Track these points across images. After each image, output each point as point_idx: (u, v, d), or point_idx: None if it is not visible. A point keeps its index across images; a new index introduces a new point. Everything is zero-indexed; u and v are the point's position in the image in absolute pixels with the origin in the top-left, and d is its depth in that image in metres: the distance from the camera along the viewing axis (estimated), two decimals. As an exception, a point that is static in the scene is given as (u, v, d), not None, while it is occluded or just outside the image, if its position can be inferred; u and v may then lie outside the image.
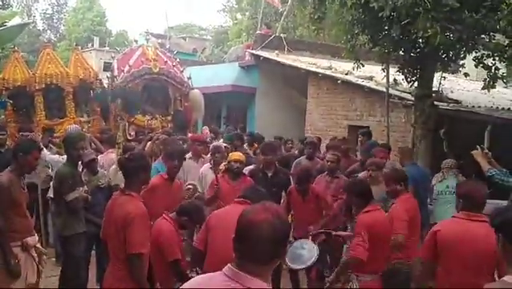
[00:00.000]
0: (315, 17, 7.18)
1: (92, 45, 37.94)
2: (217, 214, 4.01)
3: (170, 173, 5.08)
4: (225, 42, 36.83)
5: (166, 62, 10.17)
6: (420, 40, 6.48)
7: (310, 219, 4.91)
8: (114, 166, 6.10)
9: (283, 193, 5.95)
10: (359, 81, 10.11)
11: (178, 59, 11.24)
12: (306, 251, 4.49)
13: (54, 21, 46.80)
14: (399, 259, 4.36)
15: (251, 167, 6.19)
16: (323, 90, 11.41)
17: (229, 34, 38.34)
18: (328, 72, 11.13)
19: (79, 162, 5.18)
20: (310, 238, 4.73)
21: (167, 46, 12.90)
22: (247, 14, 34.75)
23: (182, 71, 10.54)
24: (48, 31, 45.89)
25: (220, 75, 14.45)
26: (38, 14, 46.10)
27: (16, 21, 13.53)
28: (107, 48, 35.45)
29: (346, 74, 10.51)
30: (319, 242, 4.64)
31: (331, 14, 7.13)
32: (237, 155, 5.81)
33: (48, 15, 46.33)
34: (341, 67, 11.40)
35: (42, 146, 6.04)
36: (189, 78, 10.57)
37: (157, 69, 9.75)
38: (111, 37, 45.11)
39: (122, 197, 3.55)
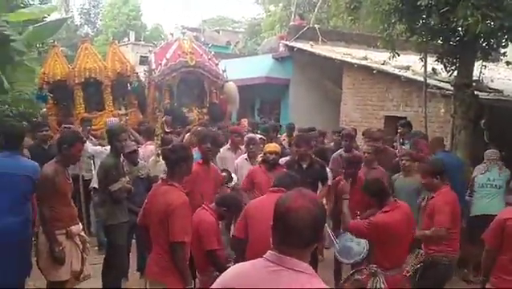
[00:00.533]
0: (351, 7, 7.09)
1: (128, 39, 38.58)
2: (254, 204, 4.06)
3: (204, 157, 5.14)
4: (259, 34, 36.78)
5: (202, 55, 10.28)
6: (460, 28, 6.29)
7: (358, 209, 4.89)
8: (153, 157, 6.27)
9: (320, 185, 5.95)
10: (396, 71, 9.92)
11: (213, 52, 11.33)
12: (355, 244, 4.49)
13: (91, 16, 47.77)
14: (437, 251, 4.34)
15: (287, 158, 6.23)
16: (359, 80, 11.27)
17: (263, 25, 38.25)
18: (364, 62, 10.97)
19: (121, 153, 5.32)
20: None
21: (202, 40, 12.99)
22: (280, 5, 34.59)
23: (217, 64, 10.63)
24: (85, 26, 46.89)
25: (254, 67, 14.49)
26: (76, 9, 47.17)
27: (55, 16, 13.96)
28: (142, 42, 36.01)
29: (382, 64, 10.34)
30: None
31: (366, 4, 7.02)
32: (272, 146, 5.87)
33: (85, 10, 47.34)
34: (376, 57, 11.22)
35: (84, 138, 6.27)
36: (224, 70, 10.66)
37: (193, 62, 9.88)
38: (147, 31, 45.77)
39: (164, 186, 3.65)
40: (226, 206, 4.15)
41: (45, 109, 9.94)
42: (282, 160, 5.94)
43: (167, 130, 9.19)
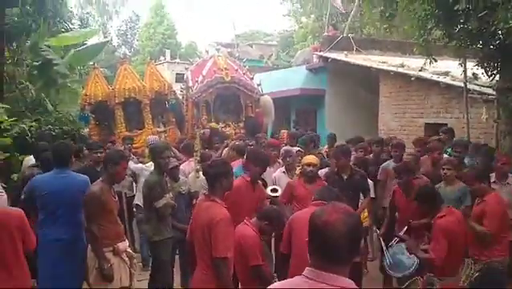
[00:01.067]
0: (386, 14, 7.04)
1: (164, 58, 39.47)
2: (296, 217, 4.05)
3: (253, 178, 5.12)
4: (291, 46, 36.93)
5: (237, 70, 10.42)
6: (500, 32, 6.14)
7: (414, 219, 4.81)
8: (193, 173, 6.35)
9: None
10: (434, 77, 9.74)
11: (247, 67, 11.45)
12: (405, 257, 4.42)
13: (128, 37, 49.21)
14: (490, 257, 4.27)
15: (326, 170, 6.19)
16: (396, 88, 11.11)
17: (295, 37, 38.37)
18: (401, 70, 10.82)
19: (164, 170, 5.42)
20: (406, 228, 4.67)
21: (236, 55, 13.17)
22: (312, 16, 34.61)
23: (252, 78, 10.73)
24: (123, 47, 48.34)
25: (288, 80, 14.55)
26: (113, 31, 48.72)
27: (95, 39, 14.45)
28: (178, 60, 36.79)
29: (419, 70, 10.17)
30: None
31: (402, 11, 6.94)
32: (310, 158, 5.82)
33: (122, 32, 48.83)
34: (413, 64, 11.06)
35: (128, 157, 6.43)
36: (259, 84, 10.74)
37: (229, 78, 10.02)
38: (182, 48, 46.68)
39: (206, 202, 3.70)
40: (268, 220, 4.13)
41: (87, 129, 10.29)
42: (322, 172, 5.90)
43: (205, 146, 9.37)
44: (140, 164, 7.12)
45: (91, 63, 10.87)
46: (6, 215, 3.82)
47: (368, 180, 5.99)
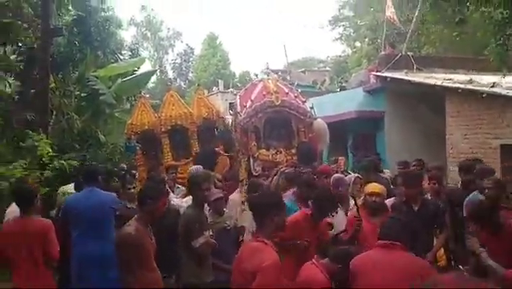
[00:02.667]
0: (456, 20, 6.21)
1: (218, 88, 39.81)
2: (361, 260, 3.27)
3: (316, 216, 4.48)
4: (346, 71, 36.46)
5: (287, 93, 9.75)
6: None
7: (504, 260, 3.85)
8: (240, 206, 5.71)
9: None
10: (510, 93, 8.65)
11: (299, 90, 10.79)
12: None
13: (183, 69, 50.28)
14: None
15: (392, 199, 5.35)
16: (464, 107, 10.05)
17: (349, 62, 37.77)
18: (469, 86, 9.77)
19: (205, 203, 4.80)
20: None
21: (287, 79, 12.60)
22: (366, 40, 34.02)
23: (304, 102, 10.05)
24: (178, 79, 49.38)
25: (343, 103, 13.75)
26: (169, 64, 50.02)
27: (145, 68, 14.38)
28: (231, 89, 36.89)
29: (491, 86, 9.12)
30: None
31: (475, 15, 6.10)
32: (373, 187, 5.03)
33: (177, 64, 49.98)
34: (483, 80, 10.00)
35: (168, 189, 5.90)
36: (312, 108, 10.02)
37: (279, 101, 9.36)
38: (235, 78, 47.08)
39: (253, 243, 3.02)
40: (344, 263, 3.34)
41: (133, 160, 9.95)
42: (388, 202, 5.07)
43: (254, 174, 8.73)
44: (178, 200, 6.57)
45: (141, 92, 10.63)
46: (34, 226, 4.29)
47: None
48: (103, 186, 5.82)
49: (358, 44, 36.29)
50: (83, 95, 9.77)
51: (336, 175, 6.13)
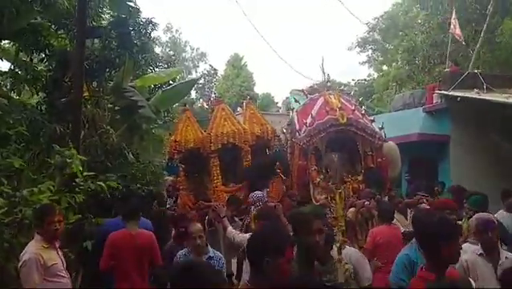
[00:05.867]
0: None
1: (242, 109, 38.70)
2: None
3: None
4: (372, 94, 35.57)
5: (353, 111, 8.45)
6: None
7: None
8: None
9: None
10: None
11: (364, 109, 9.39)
12: None
13: (206, 90, 49.39)
14: None
15: None
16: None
17: (375, 86, 36.74)
18: None
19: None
20: None
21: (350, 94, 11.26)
22: (394, 64, 33.05)
23: (373, 121, 8.71)
24: (200, 100, 48.48)
25: (400, 123, 12.28)
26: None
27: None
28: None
29: None
30: None
31: None
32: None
33: (200, 85, 49.11)
34: None
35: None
36: (382, 128, 8.68)
37: (345, 119, 8.06)
38: (258, 99, 46.00)
39: None
40: None
41: (173, 181, 8.67)
42: None
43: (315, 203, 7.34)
44: (244, 235, 5.22)
45: (181, 105, 9.37)
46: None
47: None
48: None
49: (385, 68, 35.22)
50: (118, 107, 8.51)
51: (483, 214, 4.57)
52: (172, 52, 47.47)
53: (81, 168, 5.80)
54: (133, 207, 5.01)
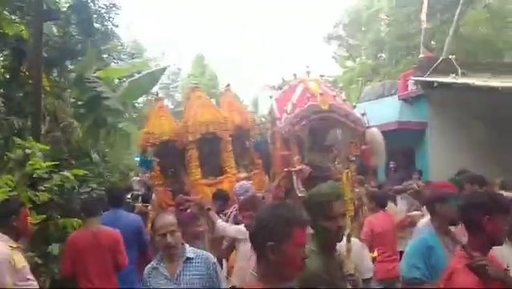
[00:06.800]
0: None
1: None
2: None
3: None
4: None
5: (335, 97, 8.03)
6: None
7: None
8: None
9: None
10: None
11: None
12: None
13: (170, 90, 48.42)
14: None
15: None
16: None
17: (339, 82, 36.86)
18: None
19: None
20: None
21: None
22: (358, 59, 33.35)
23: (354, 107, 8.33)
24: (166, 100, 47.50)
25: (378, 113, 12.01)
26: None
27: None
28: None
29: None
30: None
31: None
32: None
33: (164, 85, 48.10)
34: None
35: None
36: (364, 114, 8.30)
37: (327, 106, 7.63)
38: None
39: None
40: None
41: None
42: None
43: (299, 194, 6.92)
44: (236, 227, 4.76)
45: (152, 95, 8.76)
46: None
47: None
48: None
49: (350, 64, 35.33)
50: (81, 100, 7.84)
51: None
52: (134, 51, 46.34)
53: (42, 164, 5.16)
54: (90, 202, 4.81)
